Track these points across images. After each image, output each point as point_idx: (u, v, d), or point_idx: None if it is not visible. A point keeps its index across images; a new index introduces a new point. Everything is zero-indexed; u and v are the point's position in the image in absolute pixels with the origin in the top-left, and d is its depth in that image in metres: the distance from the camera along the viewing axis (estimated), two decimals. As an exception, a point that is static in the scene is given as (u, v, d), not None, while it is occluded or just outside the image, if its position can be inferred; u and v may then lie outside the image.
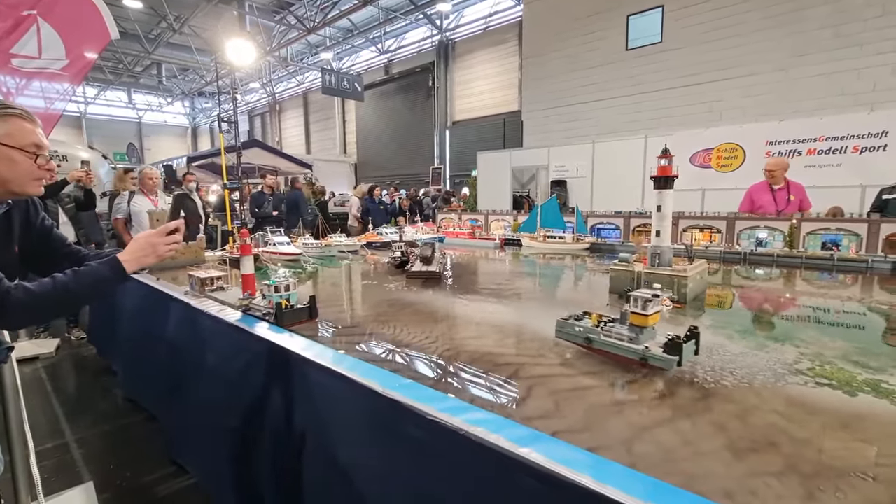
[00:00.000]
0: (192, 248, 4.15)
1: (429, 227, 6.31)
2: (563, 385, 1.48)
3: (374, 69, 21.20)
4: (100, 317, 4.18)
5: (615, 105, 11.40)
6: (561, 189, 9.32)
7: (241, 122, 31.37)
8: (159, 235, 1.64)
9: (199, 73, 25.17)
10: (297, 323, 2.07)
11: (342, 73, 16.73)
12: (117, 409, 3.54)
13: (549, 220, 5.07)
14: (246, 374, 1.93)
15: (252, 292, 2.35)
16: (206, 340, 2.25)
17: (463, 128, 18.05)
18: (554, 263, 4.39)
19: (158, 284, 3.04)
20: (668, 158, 2.48)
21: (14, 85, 4.46)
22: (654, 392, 1.41)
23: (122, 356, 3.62)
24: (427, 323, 2.20)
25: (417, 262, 3.24)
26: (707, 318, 2.26)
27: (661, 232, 2.52)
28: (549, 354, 1.75)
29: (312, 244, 4.63)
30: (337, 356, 1.63)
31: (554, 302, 2.81)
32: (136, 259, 1.57)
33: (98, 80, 26.02)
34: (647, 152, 8.31)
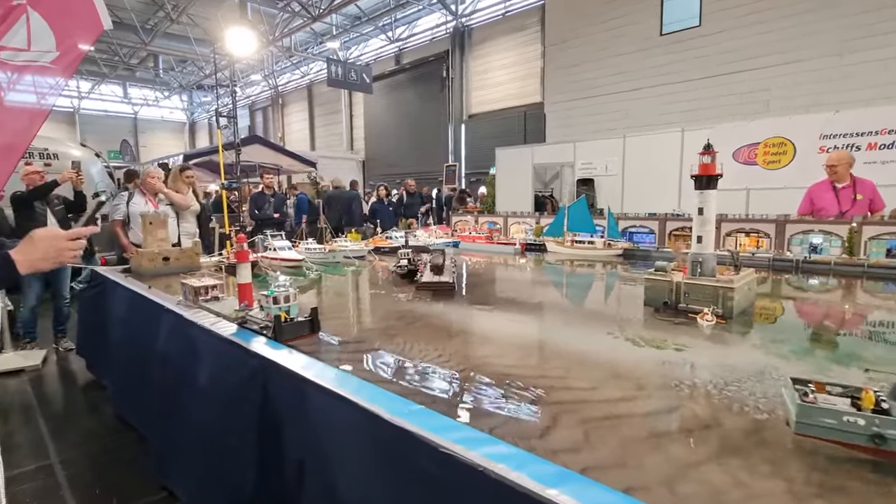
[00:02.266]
0: (186, 252, 4.20)
1: (443, 231, 6.28)
2: (594, 412, 1.43)
3: (383, 59, 21.35)
4: (89, 327, 4.24)
5: (648, 96, 11.27)
6: (588, 188, 9.22)
7: (242, 116, 31.84)
8: (68, 239, 1.56)
9: (198, 65, 25.67)
10: (298, 338, 2.05)
11: (349, 64, 16.88)
12: (106, 427, 3.58)
13: (577, 222, 5.01)
14: (241, 394, 1.91)
15: (249, 303, 2.34)
16: (199, 355, 2.25)
17: (480, 122, 18.04)
18: (582, 271, 4.32)
19: (150, 293, 3.07)
20: (711, 155, 2.41)
21: (3, 80, 4.58)
22: (699, 421, 1.35)
23: (111, 370, 3.66)
24: (439, 338, 2.17)
25: (427, 272, 3.20)
26: (756, 334, 2.19)
27: (703, 237, 2.45)
28: (577, 376, 1.70)
29: (316, 249, 4.64)
30: (339, 376, 1.60)
31: (581, 315, 2.76)
32: (30, 261, 1.51)
33: (92, 73, 26.73)
34: (685, 147, 8.17)
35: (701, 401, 1.48)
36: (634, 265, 4.35)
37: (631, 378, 1.65)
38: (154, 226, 4.21)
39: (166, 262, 4.06)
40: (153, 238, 4.19)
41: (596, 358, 1.87)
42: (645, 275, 2.61)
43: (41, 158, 8.56)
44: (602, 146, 9.55)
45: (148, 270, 3.93)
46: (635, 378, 1.65)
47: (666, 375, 1.67)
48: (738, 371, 1.69)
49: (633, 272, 4.04)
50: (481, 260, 4.97)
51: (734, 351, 1.94)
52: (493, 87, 17.48)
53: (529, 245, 5.30)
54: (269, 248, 4.52)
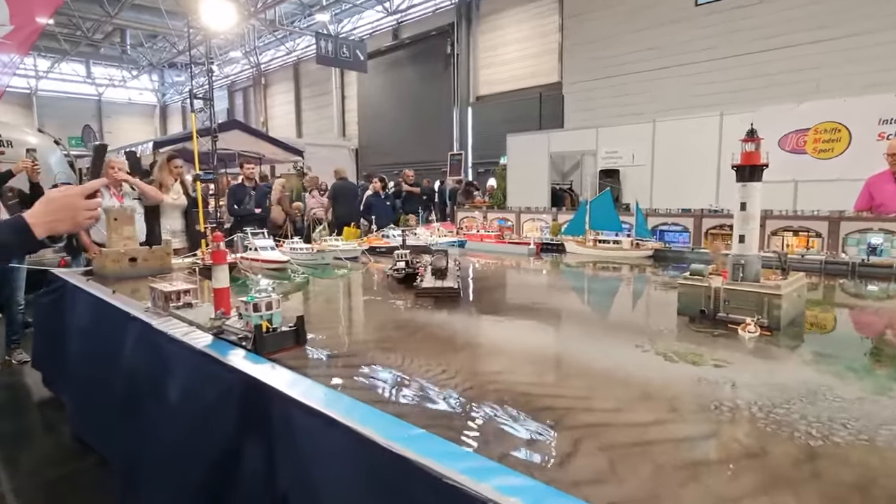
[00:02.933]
0: (155, 253, 4.20)
1: (447, 229, 6.28)
2: (621, 437, 1.42)
3: (379, 33, 21.39)
4: (46, 337, 4.26)
5: (681, 74, 11.23)
6: (613, 181, 9.19)
7: (219, 98, 31.97)
8: (80, 196, 1.55)
9: (170, 41, 25.81)
10: (281, 350, 2.04)
11: (341, 39, 16.93)
12: (64, 450, 3.59)
13: (600, 219, 4.99)
14: (216, 414, 1.91)
15: (226, 311, 2.34)
16: (170, 370, 2.25)
17: (489, 105, 18.03)
18: (606, 275, 4.31)
19: (114, 299, 3.07)
20: (755, 142, 2.40)
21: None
22: (742, 449, 1.33)
23: (70, 386, 3.66)
24: (443, 352, 2.16)
25: (428, 275, 3.19)
26: (807, 349, 2.17)
27: (745, 237, 2.43)
28: (601, 395, 1.69)
29: (302, 249, 4.64)
30: (329, 395, 1.59)
31: (605, 325, 2.74)
32: (47, 223, 1.49)
33: (51, 50, 26.90)
34: (724, 134, 8.13)
35: (744, 425, 1.46)
36: (666, 268, 4.33)
37: (662, 398, 1.64)
38: (119, 222, 4.22)
39: (133, 264, 4.07)
40: (118, 236, 4.20)
41: (622, 375, 1.85)
42: (678, 279, 2.59)
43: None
44: (628, 132, 9.51)
45: (112, 273, 3.94)
46: (668, 398, 1.63)
47: (703, 395, 1.65)
48: (786, 391, 1.67)
49: (664, 276, 4.02)
50: (490, 262, 4.96)
51: (782, 367, 1.92)
52: (503, 65, 17.47)
53: (546, 245, 5.29)
54: (249, 247, 4.52)
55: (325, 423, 1.45)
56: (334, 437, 1.41)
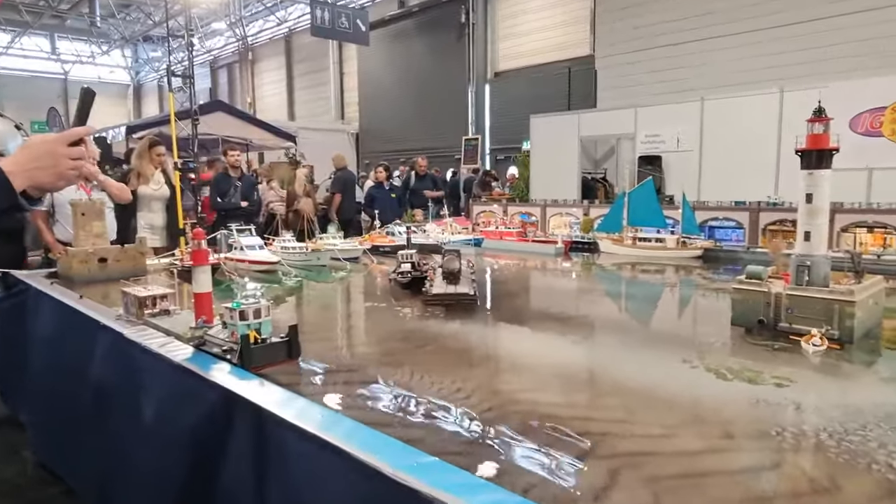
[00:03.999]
0: (128, 252, 4.25)
1: (461, 225, 6.28)
2: (666, 468, 1.40)
3: (383, 1, 21.44)
4: (4, 348, 4.31)
5: (734, 45, 11.10)
6: (654, 168, 9.10)
7: (201, 76, 32.26)
8: (62, 143, 1.54)
9: (145, 11, 26.15)
10: (271, 364, 2.04)
11: (339, 7, 17.00)
12: (25, 478, 3.62)
13: (640, 214, 4.97)
14: (196, 437, 1.92)
15: (208, 319, 2.35)
16: (144, 386, 2.26)
17: (509, 82, 18.00)
18: (646, 279, 4.28)
19: (81, 305, 3.10)
20: (824, 123, 2.36)
21: None
22: (809, 483, 1.31)
23: (31, 404, 3.71)
24: (457, 367, 2.15)
25: (439, 280, 3.18)
26: (884, 365, 2.14)
27: (811, 233, 2.40)
28: (643, 419, 1.67)
29: (295, 249, 4.66)
30: (327, 416, 1.59)
31: (647, 337, 2.72)
32: (26, 171, 1.47)
33: (12, 22, 27.36)
34: (784, 113, 8.02)
35: (812, 455, 1.44)
36: (717, 271, 4.29)
37: (715, 422, 1.62)
38: (87, 217, 4.27)
39: (103, 265, 4.11)
40: (87, 233, 4.25)
41: (666, 395, 1.84)
42: (732, 283, 2.56)
43: (-54, 131, 8.76)
44: (672, 112, 9.42)
45: (80, 275, 3.98)
46: (721, 422, 1.62)
47: (762, 419, 1.63)
48: (861, 415, 1.64)
49: (715, 280, 3.98)
50: (511, 263, 4.95)
51: (856, 386, 1.90)
52: (526, 35, 17.42)
53: (576, 244, 5.27)
54: (234, 246, 4.55)
55: (321, 448, 1.44)
56: (332, 465, 1.40)
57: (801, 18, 10.19)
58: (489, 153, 18.16)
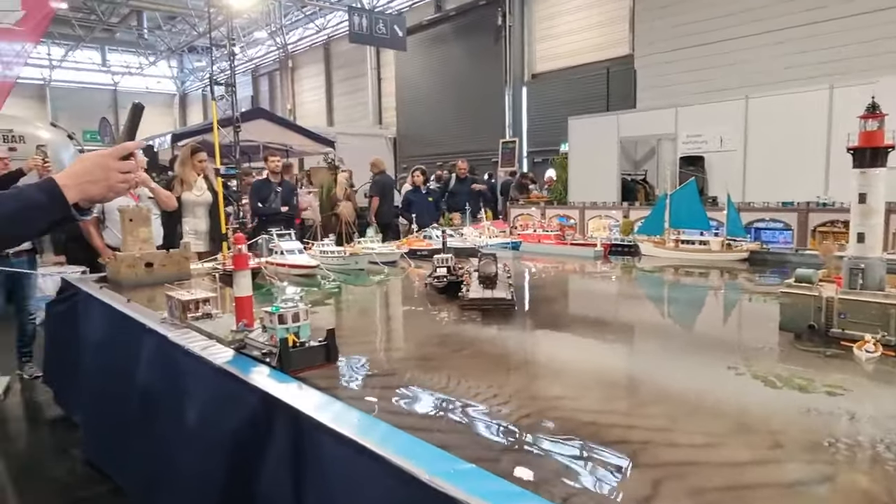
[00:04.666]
0: (173, 257, 4.36)
1: (498, 228, 6.25)
2: (712, 479, 1.36)
3: (420, 6, 21.58)
4: (57, 350, 4.48)
5: (780, 40, 10.79)
6: (696, 169, 8.92)
7: (243, 84, 33.04)
8: (113, 157, 1.61)
9: (190, 23, 26.89)
10: (309, 368, 2.06)
11: (377, 14, 17.17)
12: (76, 476, 3.75)
13: (683, 215, 4.86)
14: (237, 439, 1.94)
15: (249, 322, 2.38)
16: (187, 388, 2.31)
17: (547, 83, 17.87)
18: (689, 282, 4.19)
19: (128, 308, 3.19)
20: (879, 119, 2.27)
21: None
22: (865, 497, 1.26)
23: (82, 405, 3.84)
24: (494, 372, 2.14)
25: (475, 284, 3.16)
26: (947, 375, 2.02)
27: (865, 234, 2.31)
28: (686, 427, 1.63)
29: (334, 253, 4.71)
30: (363, 420, 1.59)
31: (690, 342, 2.65)
32: (78, 185, 1.53)
33: (65, 36, 28.52)
34: (835, 110, 7.76)
35: (868, 467, 1.38)
36: (764, 274, 4.17)
37: (763, 432, 1.57)
38: (134, 223, 4.40)
39: (150, 269, 4.23)
40: (134, 239, 4.38)
41: (711, 402, 1.79)
42: (781, 287, 2.48)
43: (5, 142, 9.18)
44: (715, 112, 9.22)
45: (128, 279, 4.11)
46: (769, 432, 1.56)
47: (814, 429, 1.57)
48: (922, 425, 1.56)
49: (762, 283, 3.87)
50: (549, 266, 4.90)
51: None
52: (564, 36, 17.28)
53: (615, 246, 5.19)
54: (274, 250, 4.62)
55: (357, 452, 1.44)
56: (368, 470, 1.40)
57: (852, 11, 9.83)
58: (526, 156, 18.04)
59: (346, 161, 14.02)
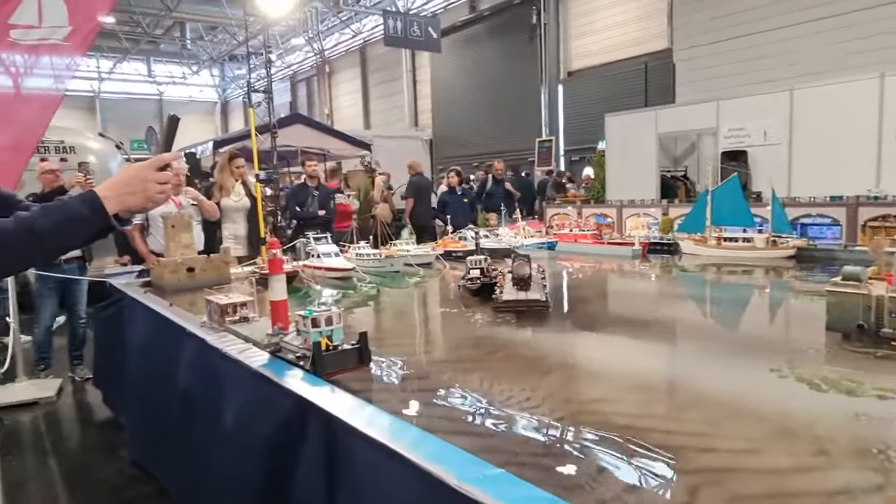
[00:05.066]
0: (213, 262, 4.46)
1: (534, 228, 6.20)
2: (752, 486, 1.31)
3: (454, 7, 21.59)
4: (105, 353, 4.64)
5: (826, 29, 10.42)
6: (739, 164, 8.68)
7: (282, 91, 33.68)
8: (151, 168, 1.66)
9: (230, 32, 27.49)
10: (342, 371, 2.07)
11: (411, 16, 17.25)
12: (123, 476, 3.88)
13: (725, 212, 4.74)
14: (272, 442, 1.97)
15: (284, 326, 2.42)
16: (224, 391, 2.36)
17: (583, 80, 17.67)
18: (732, 281, 4.07)
19: (170, 312, 3.28)
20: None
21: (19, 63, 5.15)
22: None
23: (128, 406, 3.96)
24: (528, 375, 2.11)
25: (509, 285, 3.13)
26: None
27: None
28: (726, 432, 1.57)
29: (369, 255, 4.74)
30: (394, 424, 1.59)
31: (732, 343, 2.57)
32: (118, 196, 1.59)
33: (113, 49, 29.55)
34: (885, 100, 7.45)
35: (922, 476, 1.30)
36: (812, 271, 4.02)
37: (807, 437, 1.51)
38: (177, 229, 4.52)
39: (191, 274, 4.33)
40: (176, 244, 4.50)
41: (752, 406, 1.73)
42: (827, 285, 2.38)
43: (57, 153, 9.55)
44: (758, 104, 8.96)
45: (170, 284, 4.22)
46: (814, 437, 1.50)
47: (863, 435, 1.51)
48: (981, 432, 1.48)
49: (809, 281, 3.73)
50: (586, 266, 4.83)
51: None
52: (600, 32, 17.04)
53: (654, 245, 5.08)
54: (311, 254, 4.68)
55: (388, 456, 1.44)
56: (398, 474, 1.40)
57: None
58: (563, 154, 17.87)
59: (384, 163, 14.14)
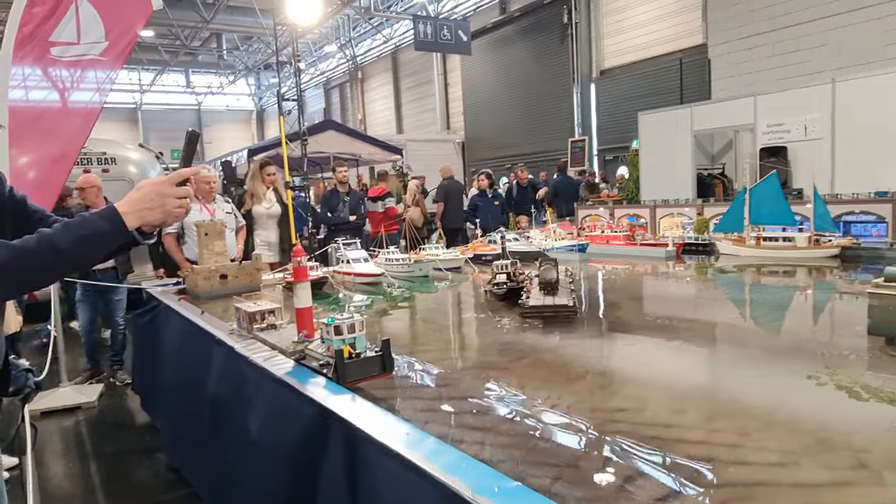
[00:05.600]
0: (245, 269, 4.52)
1: (565, 230, 6.12)
2: (786, 500, 1.26)
3: (484, 9, 21.58)
4: (142, 358, 4.75)
5: (869, 18, 10.05)
6: (778, 161, 8.41)
7: (315, 97, 34.21)
8: (169, 184, 1.69)
9: (265, 41, 28.06)
10: (365, 379, 2.06)
11: (441, 20, 17.30)
12: (160, 480, 3.97)
13: (765, 211, 4.59)
14: (295, 450, 1.97)
15: (309, 333, 2.42)
16: (250, 399, 2.37)
17: (616, 79, 17.45)
18: (771, 282, 3.94)
19: (201, 320, 3.33)
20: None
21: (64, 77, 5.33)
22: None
23: (163, 411, 4.04)
24: (553, 382, 2.07)
25: (535, 291, 3.07)
26: None
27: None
28: (759, 443, 1.50)
29: (398, 260, 4.74)
30: (412, 434, 1.57)
31: (767, 349, 2.47)
32: (137, 211, 1.63)
33: (154, 62, 30.51)
34: (935, 91, 7.15)
35: (971, 493, 1.22)
36: (857, 271, 3.86)
37: (845, 450, 1.43)
38: (210, 237, 4.60)
39: (224, 281, 4.40)
40: (209, 252, 4.57)
41: (787, 416, 1.66)
42: (869, 287, 2.27)
43: (99, 164, 9.86)
44: (798, 98, 8.67)
45: (204, 291, 4.28)
46: (853, 451, 1.43)
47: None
48: None
49: (853, 282, 3.58)
50: (618, 268, 4.73)
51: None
52: (633, 29, 16.82)
53: (689, 246, 4.95)
54: (341, 259, 4.70)
55: (405, 468, 1.42)
56: (415, 485, 1.38)
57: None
58: (596, 154, 17.68)
59: (417, 167, 14.21)
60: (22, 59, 5.08)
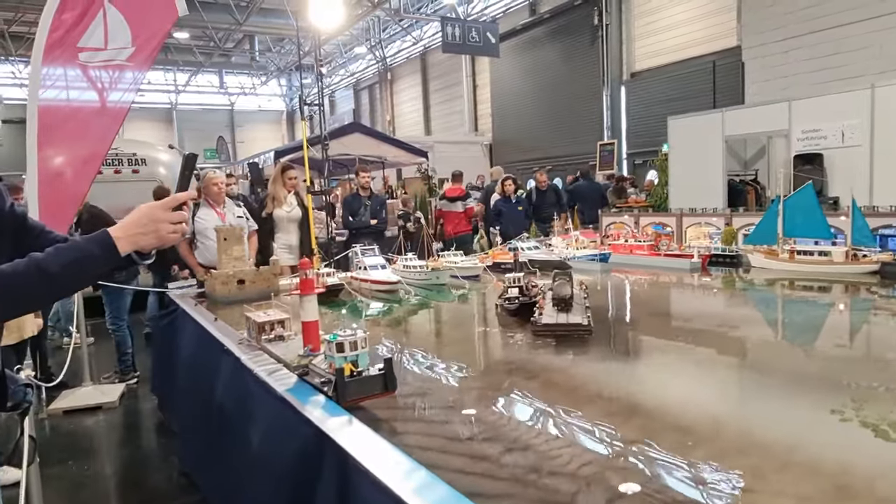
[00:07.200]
0: (262, 274, 4.51)
1: (588, 238, 5.99)
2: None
3: (513, 10, 21.41)
4: (160, 361, 4.79)
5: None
6: (813, 169, 8.13)
7: (345, 99, 34.45)
8: (164, 209, 1.68)
9: (296, 43, 28.36)
10: (366, 398, 2.00)
11: (469, 22, 17.21)
12: (172, 485, 3.98)
13: (799, 222, 4.42)
14: (293, 470, 1.93)
15: (315, 347, 2.38)
16: (254, 413, 2.34)
17: (646, 82, 17.14)
18: (800, 298, 3.77)
19: (214, 327, 3.32)
20: None
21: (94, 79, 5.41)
22: None
23: (178, 415, 4.06)
24: (562, 406, 1.98)
25: (549, 307, 2.96)
26: None
27: None
28: (773, 486, 1.41)
29: (415, 268, 4.68)
30: (404, 465, 1.51)
31: (789, 377, 2.33)
32: (130, 237, 1.62)
33: (188, 63, 31.09)
34: (981, 96, 6.84)
35: None
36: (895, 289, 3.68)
37: (868, 498, 1.33)
38: (228, 242, 4.61)
39: (241, 286, 4.40)
40: (228, 257, 4.59)
41: (805, 455, 1.56)
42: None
43: (129, 164, 10.05)
44: (835, 103, 8.39)
45: (222, 296, 4.29)
46: (876, 499, 1.32)
47: (936, 498, 1.31)
48: None
49: (891, 299, 3.40)
50: (640, 280, 4.61)
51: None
52: (665, 31, 16.50)
53: (715, 257, 4.79)
54: (358, 266, 4.66)
55: (393, 501, 1.36)
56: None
57: None
58: (626, 158, 17.41)
59: (444, 169, 14.15)
60: (51, 64, 5.18)
